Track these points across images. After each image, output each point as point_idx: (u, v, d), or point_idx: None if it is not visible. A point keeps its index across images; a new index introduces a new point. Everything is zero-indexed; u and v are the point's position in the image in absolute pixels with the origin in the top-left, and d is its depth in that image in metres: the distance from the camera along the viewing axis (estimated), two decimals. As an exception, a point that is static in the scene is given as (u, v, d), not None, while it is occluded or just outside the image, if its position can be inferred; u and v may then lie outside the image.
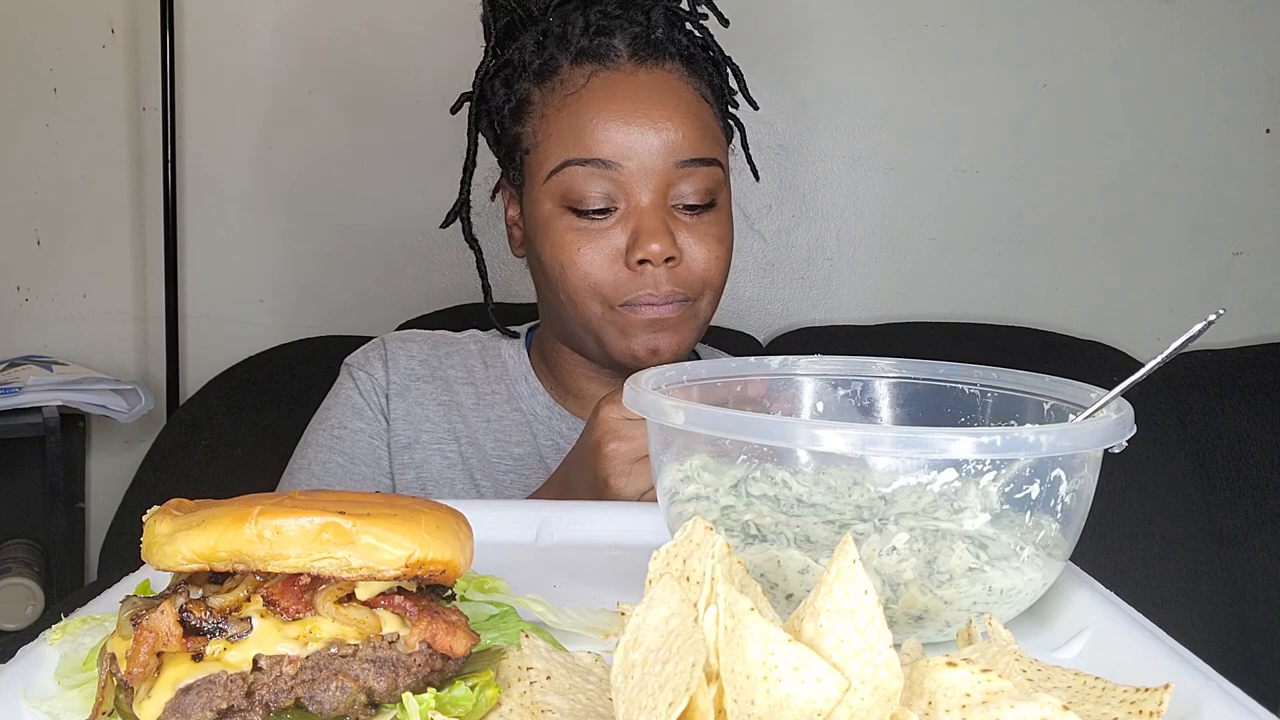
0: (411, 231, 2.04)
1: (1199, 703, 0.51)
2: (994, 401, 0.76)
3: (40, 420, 1.79)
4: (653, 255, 1.06)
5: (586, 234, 1.08)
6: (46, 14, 1.99)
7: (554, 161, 1.09)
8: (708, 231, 1.11)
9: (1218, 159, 2.10)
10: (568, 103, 1.10)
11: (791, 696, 0.40)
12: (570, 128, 1.09)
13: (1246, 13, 2.07)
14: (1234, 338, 2.00)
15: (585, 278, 1.08)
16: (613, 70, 1.10)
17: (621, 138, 1.07)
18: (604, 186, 1.08)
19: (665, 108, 1.09)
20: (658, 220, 1.07)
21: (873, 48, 2.07)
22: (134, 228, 2.04)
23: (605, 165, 1.07)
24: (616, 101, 1.09)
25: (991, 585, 0.61)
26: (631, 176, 1.07)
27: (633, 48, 1.11)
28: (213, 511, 0.50)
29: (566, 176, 1.08)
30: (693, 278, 1.10)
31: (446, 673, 0.51)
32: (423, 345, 1.26)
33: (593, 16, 1.12)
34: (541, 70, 1.13)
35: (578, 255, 1.08)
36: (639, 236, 1.07)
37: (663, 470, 0.70)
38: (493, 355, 1.27)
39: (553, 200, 1.10)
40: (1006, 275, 2.10)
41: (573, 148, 1.08)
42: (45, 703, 0.53)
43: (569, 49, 1.12)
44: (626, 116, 1.08)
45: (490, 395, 1.24)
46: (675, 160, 1.08)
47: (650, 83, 1.10)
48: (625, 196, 1.08)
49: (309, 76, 2.02)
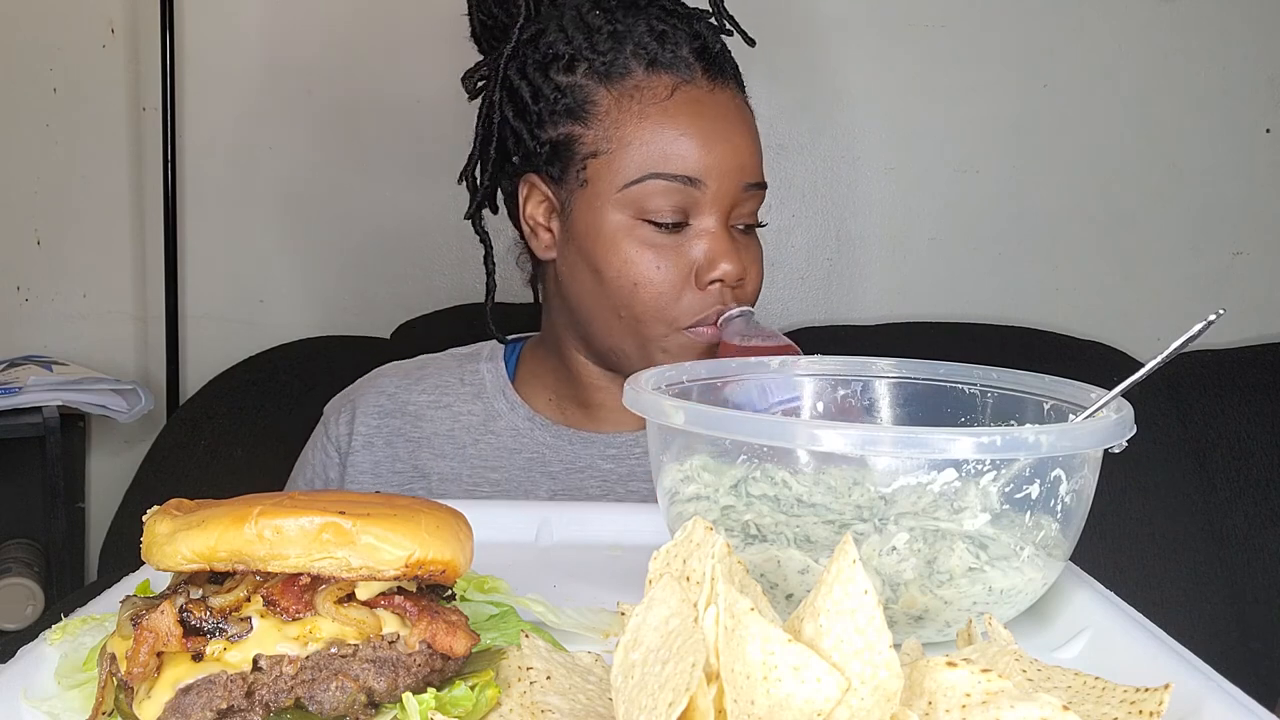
0: (411, 231, 2.03)
1: (1199, 703, 0.51)
2: (994, 401, 0.76)
3: (40, 420, 1.79)
4: (728, 276, 1.07)
5: (661, 251, 1.07)
6: (46, 14, 1.99)
7: (635, 173, 1.07)
8: (755, 254, 1.13)
9: (1218, 159, 2.09)
10: (650, 113, 1.08)
11: (791, 696, 0.40)
12: (655, 140, 1.07)
13: (1246, 13, 2.07)
14: (1234, 338, 2.00)
15: (659, 297, 1.07)
16: (692, 85, 1.09)
17: (708, 157, 1.07)
18: (682, 203, 1.07)
19: (741, 129, 1.10)
20: (729, 242, 1.08)
21: (873, 48, 2.07)
22: (134, 228, 2.04)
23: (690, 183, 1.06)
24: (704, 120, 1.08)
25: (991, 585, 0.61)
26: (710, 196, 1.07)
27: (703, 62, 1.10)
28: (213, 511, 0.50)
29: (647, 189, 1.06)
30: (747, 298, 1.11)
31: (446, 673, 0.51)
32: (395, 377, 1.23)
33: (653, 22, 1.10)
34: (608, 71, 1.09)
35: (653, 272, 1.07)
36: (714, 258, 1.07)
37: (663, 470, 0.70)
38: (470, 373, 1.23)
39: (626, 211, 1.07)
40: (1006, 275, 2.10)
41: (659, 161, 1.06)
42: (45, 703, 0.53)
43: (639, 54, 1.09)
44: (712, 135, 1.07)
45: (465, 418, 1.20)
46: (744, 183, 1.09)
47: (725, 102, 1.10)
48: (698, 214, 1.08)
49: (309, 76, 2.02)
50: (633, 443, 1.18)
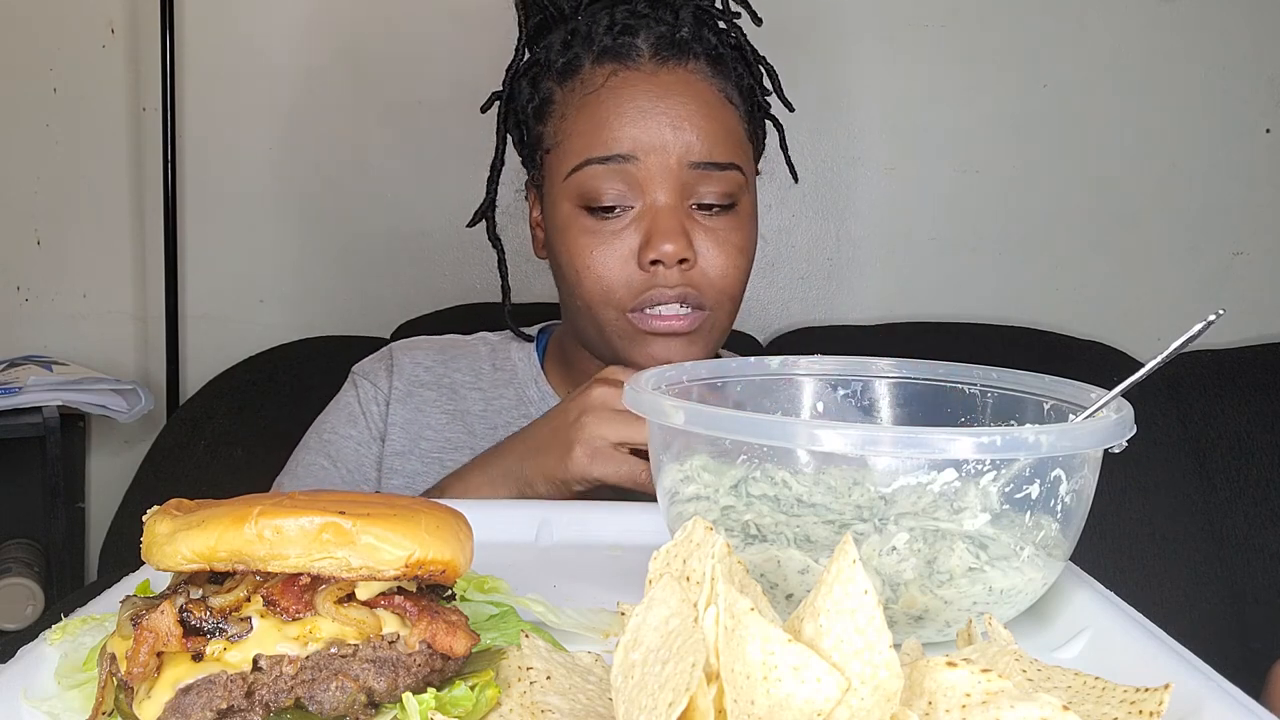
0: (412, 231, 2.03)
1: (1199, 703, 0.51)
2: (994, 401, 0.76)
3: (40, 420, 1.79)
4: (665, 255, 1.04)
5: (600, 236, 1.06)
6: (46, 14, 1.99)
7: (572, 160, 1.08)
8: (727, 237, 1.08)
9: (1218, 159, 2.10)
10: (586, 101, 1.08)
11: (791, 696, 0.40)
12: (588, 126, 1.07)
13: (1246, 13, 2.07)
14: (1234, 338, 2.00)
15: (599, 280, 1.06)
16: (633, 69, 1.08)
17: (638, 133, 1.05)
18: (620, 184, 1.05)
19: (684, 107, 1.07)
20: (673, 220, 1.05)
21: (873, 48, 2.07)
22: (134, 228, 2.04)
23: (623, 159, 1.05)
24: (634, 99, 1.07)
25: (991, 585, 0.61)
26: (647, 173, 1.05)
27: (655, 47, 1.09)
28: (213, 511, 0.50)
29: (584, 175, 1.06)
30: (708, 284, 1.07)
31: (446, 673, 0.51)
32: (429, 352, 1.24)
33: (619, 15, 1.10)
34: (565, 69, 1.11)
35: (591, 257, 1.06)
36: (652, 236, 1.04)
37: (663, 470, 0.70)
38: (502, 358, 1.25)
39: (570, 201, 1.08)
40: (1006, 275, 2.10)
41: (592, 145, 1.06)
42: (45, 703, 0.53)
43: (592, 48, 1.10)
44: (645, 112, 1.06)
45: (498, 400, 1.21)
46: (690, 161, 1.06)
47: (670, 82, 1.08)
48: (641, 195, 1.06)
49: (309, 76, 2.02)
50: None
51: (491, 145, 1.18)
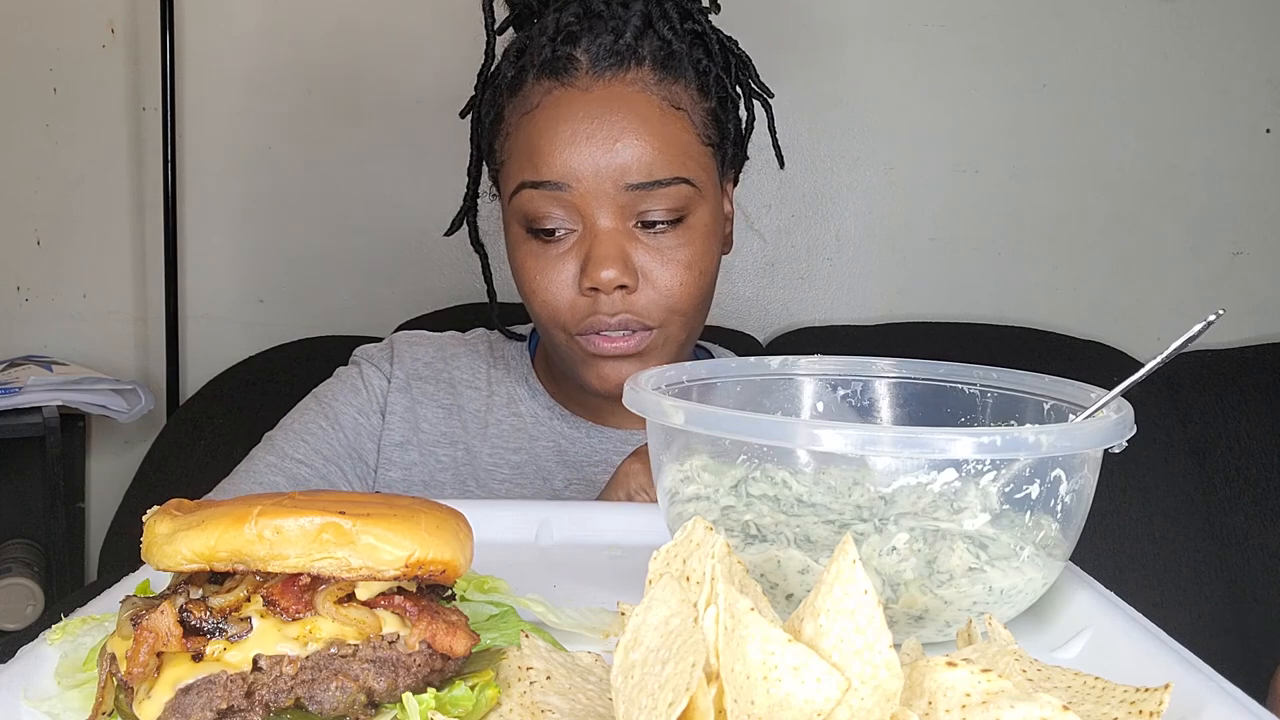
0: (411, 231, 2.03)
1: (1199, 703, 0.51)
2: (994, 401, 0.76)
3: (40, 420, 1.79)
4: (601, 284, 1.02)
5: (543, 259, 1.05)
6: (46, 14, 1.99)
7: (512, 183, 1.06)
8: (673, 255, 1.04)
9: (1218, 159, 2.09)
10: (523, 122, 1.06)
11: (791, 696, 0.40)
12: (524, 149, 1.05)
13: (1246, 13, 2.07)
14: (1234, 338, 2.00)
15: (545, 304, 1.06)
16: (568, 86, 1.04)
17: (571, 159, 1.02)
18: (557, 209, 1.04)
19: (617, 126, 1.02)
20: (611, 245, 1.02)
21: (873, 48, 2.07)
22: (134, 228, 2.04)
23: (556, 187, 1.03)
24: (566, 121, 1.03)
25: (991, 585, 0.61)
26: (583, 199, 1.03)
27: (594, 58, 1.04)
28: (213, 511, 0.50)
29: (523, 199, 1.05)
30: (654, 305, 1.04)
31: (446, 673, 0.51)
32: (429, 348, 1.25)
33: (564, 19, 1.05)
34: (513, 84, 1.08)
35: (536, 281, 1.06)
36: (588, 263, 1.02)
37: (663, 470, 0.70)
38: (498, 356, 1.25)
39: (517, 222, 1.07)
40: (1006, 275, 2.10)
41: (526, 170, 1.05)
42: (45, 703, 0.53)
43: (534, 61, 1.06)
44: (575, 137, 1.02)
45: (493, 398, 1.22)
46: (625, 183, 1.02)
47: (606, 99, 1.03)
48: (580, 218, 1.04)
49: (309, 76, 2.02)
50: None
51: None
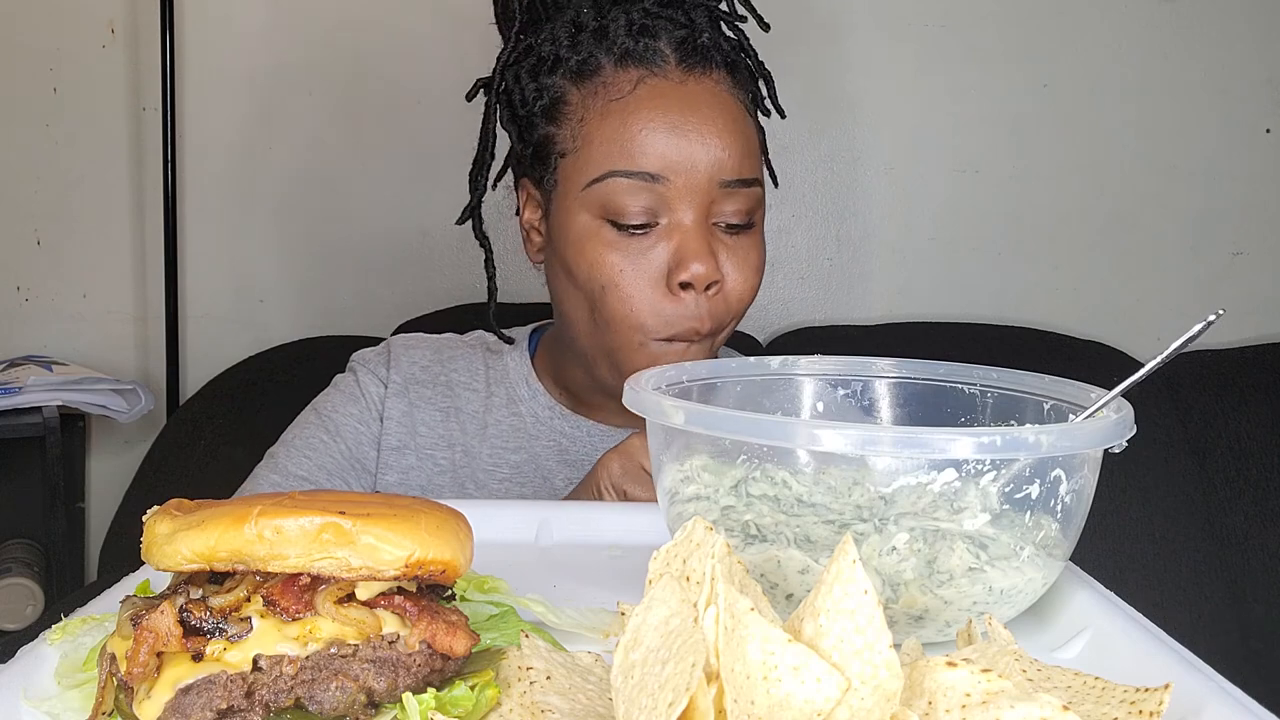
0: (411, 231, 2.03)
1: (1199, 703, 0.51)
2: (994, 401, 0.76)
3: (40, 420, 1.79)
4: (697, 279, 1.01)
5: (628, 253, 1.03)
6: (46, 14, 1.99)
7: (595, 170, 1.03)
8: (745, 258, 1.06)
9: (1218, 159, 2.10)
10: (612, 109, 1.04)
11: (791, 696, 0.40)
12: (616, 136, 1.03)
13: (1246, 13, 2.07)
14: (1234, 338, 2.00)
15: (626, 301, 1.03)
16: (660, 77, 1.04)
17: (670, 151, 1.01)
18: (648, 201, 1.02)
19: (715, 123, 1.03)
20: (701, 241, 1.02)
21: (873, 47, 2.07)
22: (134, 228, 2.04)
23: (652, 179, 1.01)
24: (666, 112, 1.02)
25: (992, 585, 0.61)
26: (676, 192, 1.02)
27: (680, 53, 1.05)
28: (213, 511, 0.50)
29: (608, 188, 1.02)
30: (727, 305, 1.06)
31: (446, 673, 0.51)
32: (426, 350, 1.23)
33: (635, 15, 1.05)
34: (580, 69, 1.06)
35: (620, 277, 1.03)
36: (683, 258, 1.01)
37: (663, 470, 0.70)
38: (496, 357, 1.24)
39: (591, 211, 1.04)
40: (1006, 275, 2.10)
41: (618, 158, 1.02)
42: (45, 703, 0.53)
43: (612, 49, 1.05)
44: (676, 129, 1.02)
45: (492, 398, 1.21)
46: (720, 180, 1.03)
47: (699, 93, 1.04)
48: (667, 212, 1.03)
49: (309, 76, 2.02)
50: None
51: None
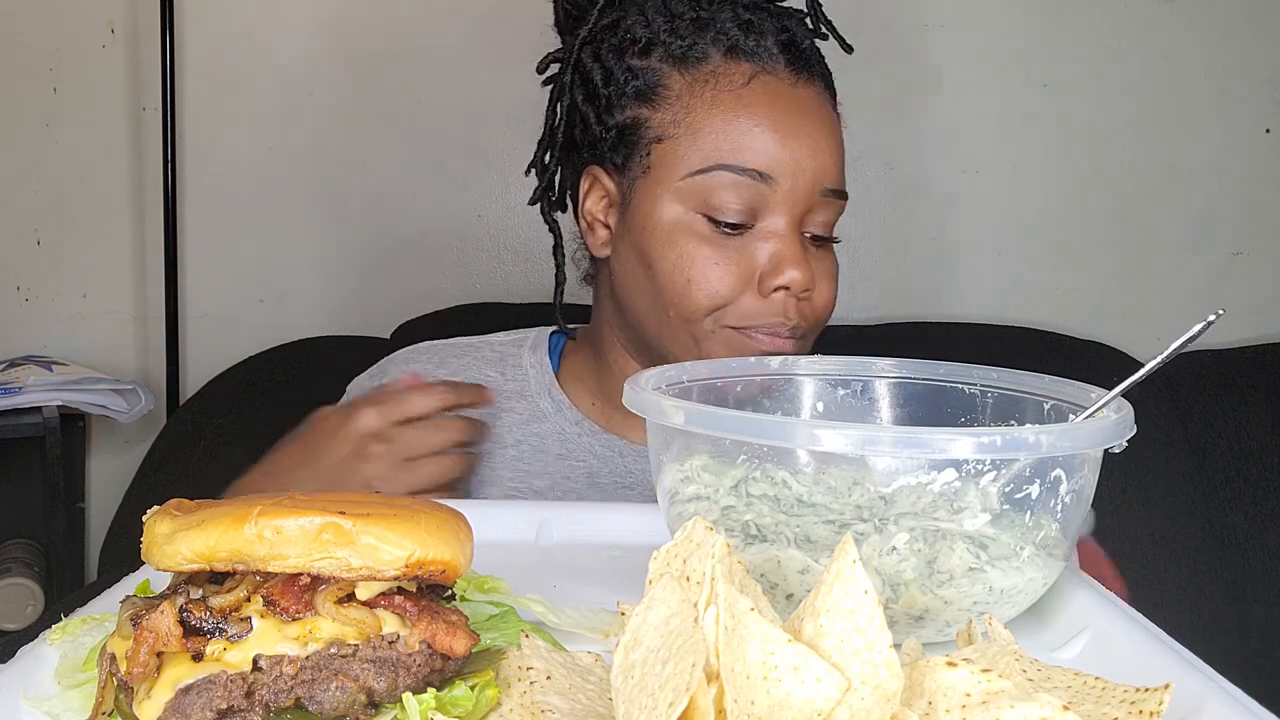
0: (411, 231, 2.03)
1: (1199, 703, 0.51)
2: (994, 401, 0.76)
3: (40, 420, 1.79)
4: (794, 284, 0.99)
5: (722, 249, 0.99)
6: (46, 14, 1.99)
7: (700, 161, 0.99)
8: (829, 270, 1.05)
9: (1218, 159, 2.10)
10: (723, 99, 1.00)
11: (791, 696, 0.40)
12: (726, 128, 0.99)
13: (1246, 13, 2.07)
14: (1234, 338, 2.00)
15: (712, 296, 0.99)
16: (773, 75, 1.02)
17: (781, 151, 0.99)
18: (750, 200, 0.99)
19: (822, 129, 1.02)
20: (798, 248, 1.00)
21: (872, 47, 2.06)
22: (134, 228, 2.04)
23: (759, 177, 0.98)
24: (781, 113, 1.00)
25: (992, 585, 0.61)
26: (781, 195, 0.99)
27: (787, 55, 1.03)
28: (212, 511, 0.50)
29: (713, 181, 0.99)
30: (814, 312, 1.03)
31: (446, 673, 0.51)
32: (429, 362, 1.16)
33: (740, 10, 1.03)
34: (685, 56, 1.02)
35: (710, 271, 0.99)
36: (781, 263, 0.99)
37: (663, 470, 0.70)
38: (512, 366, 1.16)
39: (686, 204, 1.00)
40: (1006, 275, 2.10)
41: (727, 152, 0.99)
42: (45, 703, 0.53)
43: (720, 40, 1.02)
44: (789, 129, 0.99)
45: (508, 415, 1.12)
46: (822, 187, 1.01)
47: (809, 99, 1.03)
48: (767, 214, 1.00)
49: (309, 76, 2.02)
50: None
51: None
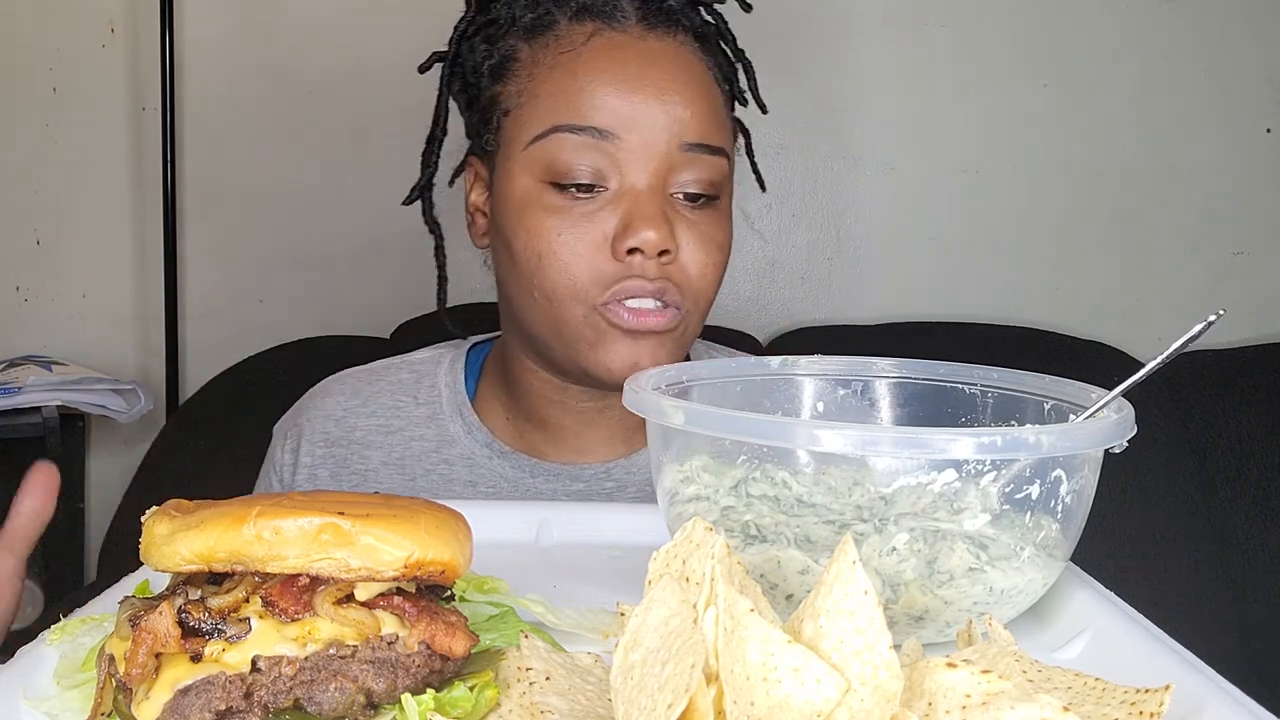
0: (411, 232, 2.02)
1: (1200, 703, 0.51)
2: (994, 401, 0.76)
3: (40, 420, 1.79)
4: (646, 244, 0.90)
5: (569, 217, 0.92)
6: (46, 14, 1.99)
7: (539, 126, 0.93)
8: (708, 233, 0.95)
9: (1218, 159, 2.10)
10: (562, 61, 0.94)
11: (791, 697, 0.40)
12: (563, 89, 0.93)
13: (1246, 13, 2.07)
14: (1234, 338, 2.00)
15: (564, 269, 0.92)
16: (618, 31, 0.95)
17: (622, 105, 0.92)
18: (595, 160, 0.92)
19: (676, 80, 0.94)
20: (654, 205, 0.92)
21: (874, 47, 2.07)
22: (134, 228, 2.04)
23: (600, 135, 0.91)
24: (621, 65, 0.93)
25: (992, 585, 0.61)
26: (629, 152, 0.92)
27: (642, 11, 0.96)
28: (212, 512, 0.50)
29: (552, 145, 0.92)
30: (686, 281, 0.94)
31: (446, 673, 0.51)
32: (342, 397, 1.10)
33: None
34: (534, 25, 0.97)
35: (556, 242, 0.92)
36: (631, 221, 0.91)
37: (663, 471, 0.70)
38: (427, 387, 1.09)
39: (532, 173, 0.94)
40: (1006, 275, 2.10)
41: (564, 111, 0.92)
42: (44, 703, 0.53)
43: (568, 5, 0.97)
44: (630, 82, 0.92)
45: (417, 444, 1.06)
46: (681, 141, 0.93)
47: (660, 50, 0.95)
48: (619, 175, 0.92)
49: (308, 77, 2.02)
50: (603, 474, 1.04)
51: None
